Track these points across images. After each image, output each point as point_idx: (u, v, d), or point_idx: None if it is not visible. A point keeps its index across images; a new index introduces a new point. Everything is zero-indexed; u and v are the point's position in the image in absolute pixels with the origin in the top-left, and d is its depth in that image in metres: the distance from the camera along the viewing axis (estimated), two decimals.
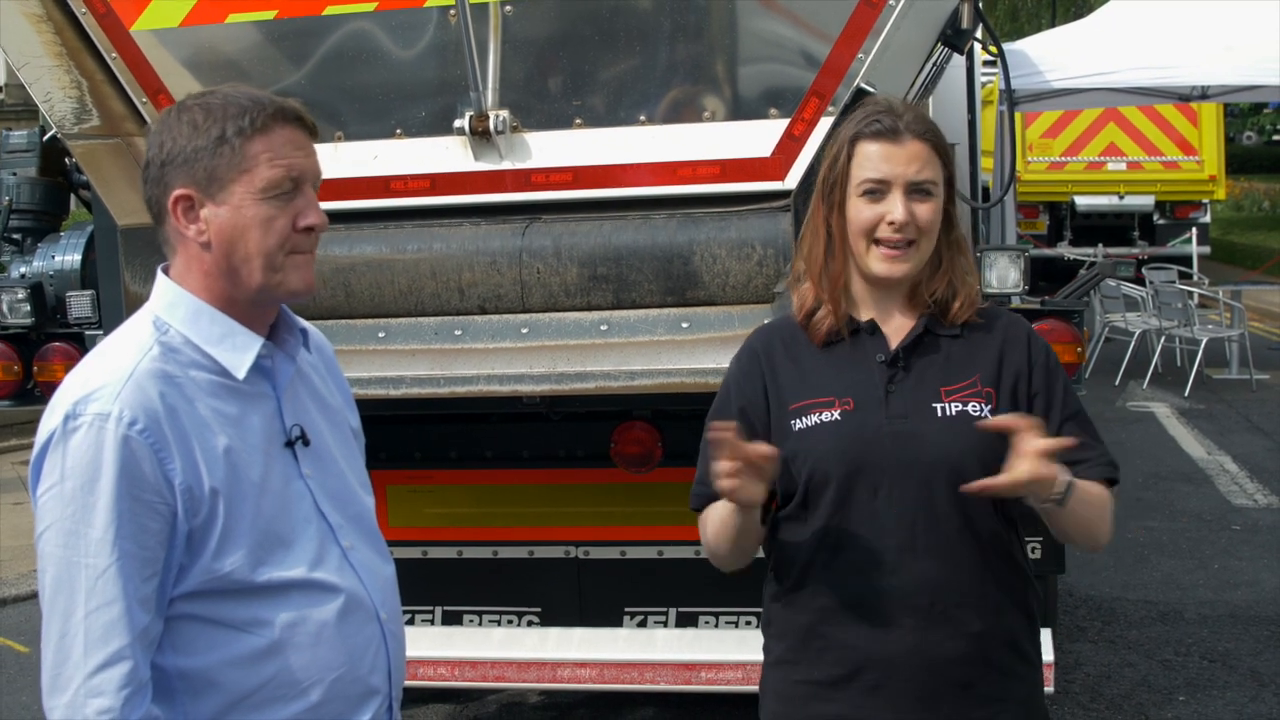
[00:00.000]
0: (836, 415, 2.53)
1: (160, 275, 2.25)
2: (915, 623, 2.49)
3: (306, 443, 2.27)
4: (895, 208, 2.48)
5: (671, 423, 4.57)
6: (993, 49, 4.60)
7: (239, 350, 2.20)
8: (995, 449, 2.46)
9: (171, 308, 2.20)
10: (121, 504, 2.03)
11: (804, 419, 2.55)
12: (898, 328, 2.58)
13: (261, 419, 2.22)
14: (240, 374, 2.19)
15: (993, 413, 2.50)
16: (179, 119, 2.16)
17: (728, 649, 4.35)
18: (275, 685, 2.17)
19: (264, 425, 2.22)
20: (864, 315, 2.60)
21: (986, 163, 6.58)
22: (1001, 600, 2.55)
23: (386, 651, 2.32)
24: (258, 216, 2.15)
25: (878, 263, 2.52)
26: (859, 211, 2.52)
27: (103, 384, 2.08)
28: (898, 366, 2.54)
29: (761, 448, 2.36)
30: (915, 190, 2.50)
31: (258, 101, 2.16)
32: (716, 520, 2.58)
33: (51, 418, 2.10)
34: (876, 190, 2.50)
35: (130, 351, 2.15)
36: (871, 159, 2.51)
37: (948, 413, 2.50)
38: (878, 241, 2.51)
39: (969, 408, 2.50)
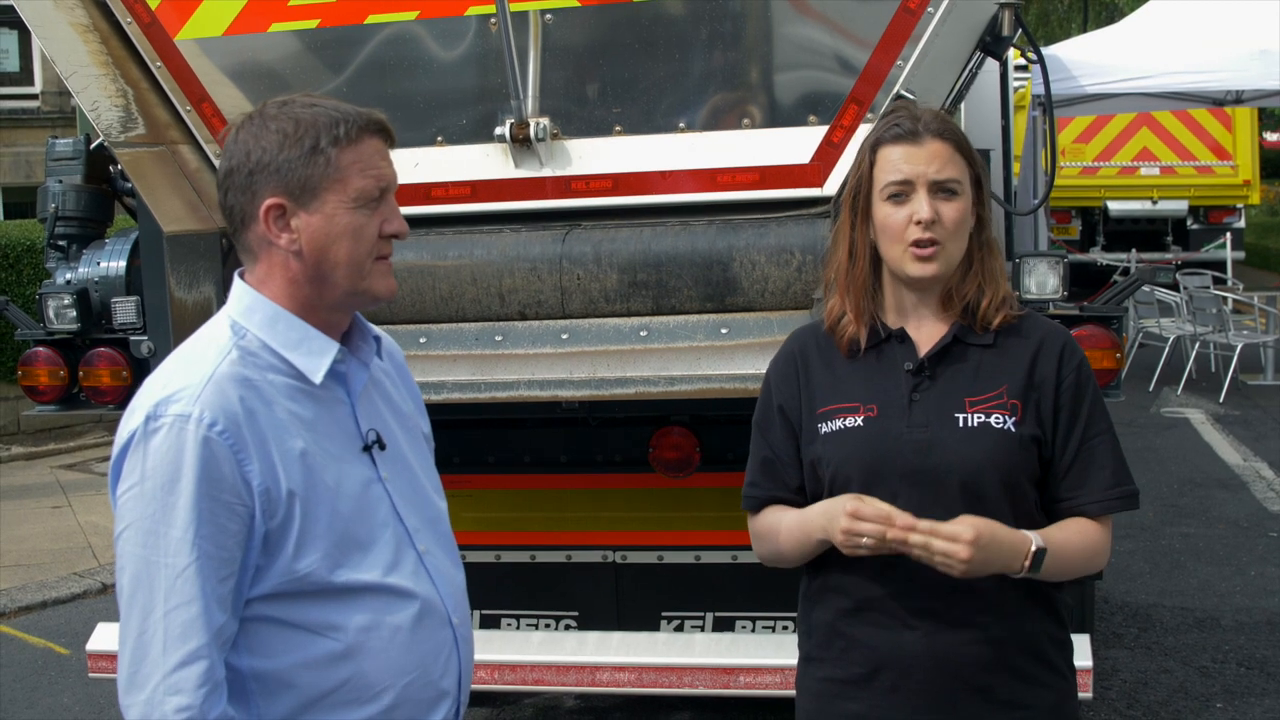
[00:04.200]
0: (860, 421, 2.56)
1: (237, 280, 2.27)
2: (931, 626, 2.51)
3: (383, 447, 2.29)
4: (921, 206, 2.50)
5: (710, 428, 4.58)
6: (1031, 55, 4.60)
7: (315, 355, 2.22)
8: (1014, 462, 2.51)
9: (249, 312, 2.22)
10: (201, 504, 2.05)
11: (829, 423, 2.59)
12: (928, 335, 2.60)
13: (336, 423, 2.24)
14: (317, 378, 2.21)
15: (1017, 425, 2.51)
16: (266, 128, 2.17)
17: (765, 653, 4.35)
18: (349, 688, 2.19)
19: (339, 429, 2.24)
20: (894, 323, 2.62)
21: (1015, 167, 6.57)
22: (1023, 606, 2.55)
23: (458, 655, 2.34)
24: (350, 225, 2.18)
25: (910, 264, 2.53)
26: (887, 216, 2.54)
27: (183, 386, 2.11)
28: (923, 375, 2.57)
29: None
30: (939, 189, 2.52)
31: (346, 113, 2.19)
32: (793, 541, 2.62)
33: (132, 419, 2.12)
34: (901, 192, 2.52)
35: (210, 355, 2.17)
36: (893, 161, 2.54)
37: (969, 423, 2.52)
38: (910, 244, 2.53)
39: (992, 419, 2.51)
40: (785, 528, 2.62)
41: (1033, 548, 2.45)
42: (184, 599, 2.04)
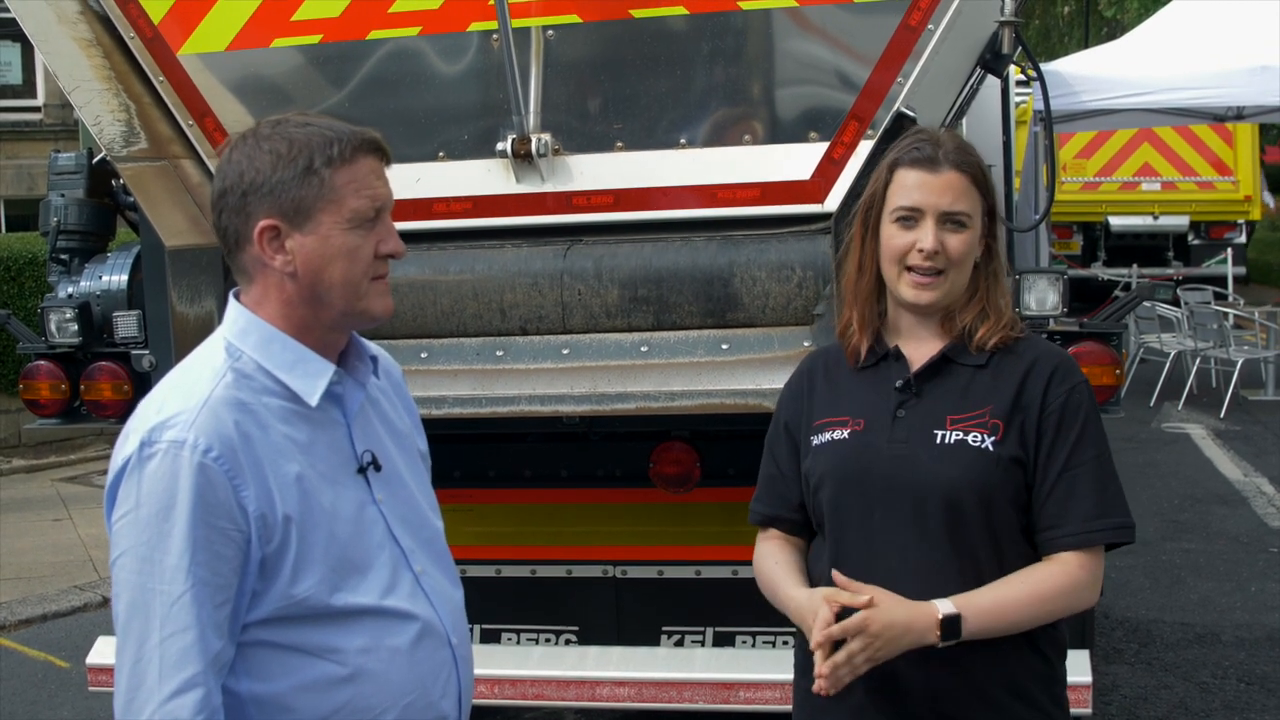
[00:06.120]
0: (845, 434, 2.58)
1: (232, 301, 2.24)
2: (915, 655, 2.45)
3: (378, 468, 2.27)
4: (926, 236, 2.51)
5: (710, 443, 4.59)
6: (1031, 72, 4.61)
7: (311, 376, 2.20)
8: (992, 481, 2.49)
9: (244, 334, 2.20)
10: (197, 531, 2.04)
11: (821, 436, 2.61)
12: (922, 354, 2.61)
13: (332, 445, 2.22)
14: (313, 400, 2.19)
15: (996, 445, 2.49)
16: (259, 148, 2.15)
17: (765, 668, 4.34)
18: (348, 711, 2.17)
19: (335, 452, 2.22)
20: (894, 340, 2.64)
21: (1016, 183, 6.58)
22: (1007, 644, 2.49)
23: (458, 676, 2.32)
24: (345, 246, 2.16)
25: (906, 289, 2.55)
26: (891, 237, 2.56)
27: (178, 411, 2.09)
28: (910, 392, 2.57)
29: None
30: (948, 220, 2.52)
31: (340, 132, 2.16)
32: (787, 577, 2.65)
33: (127, 444, 2.10)
34: (909, 217, 2.53)
35: (205, 378, 2.15)
36: (906, 186, 2.54)
37: (946, 440, 2.51)
38: (909, 268, 2.54)
39: (969, 437, 2.50)
40: (775, 587, 2.67)
41: (939, 615, 2.39)
42: (179, 626, 2.03)
